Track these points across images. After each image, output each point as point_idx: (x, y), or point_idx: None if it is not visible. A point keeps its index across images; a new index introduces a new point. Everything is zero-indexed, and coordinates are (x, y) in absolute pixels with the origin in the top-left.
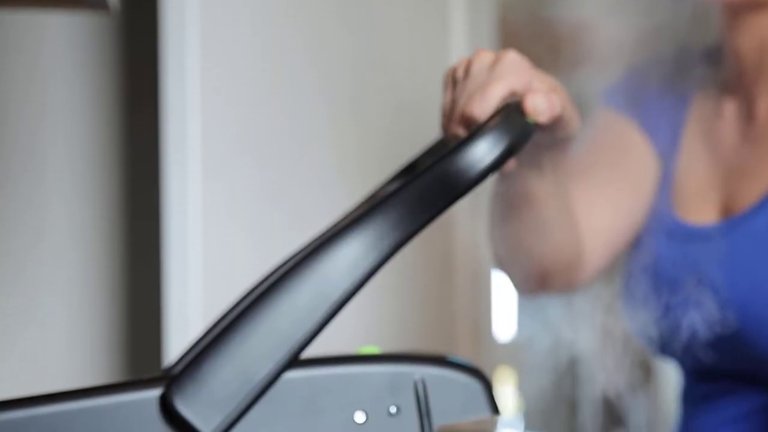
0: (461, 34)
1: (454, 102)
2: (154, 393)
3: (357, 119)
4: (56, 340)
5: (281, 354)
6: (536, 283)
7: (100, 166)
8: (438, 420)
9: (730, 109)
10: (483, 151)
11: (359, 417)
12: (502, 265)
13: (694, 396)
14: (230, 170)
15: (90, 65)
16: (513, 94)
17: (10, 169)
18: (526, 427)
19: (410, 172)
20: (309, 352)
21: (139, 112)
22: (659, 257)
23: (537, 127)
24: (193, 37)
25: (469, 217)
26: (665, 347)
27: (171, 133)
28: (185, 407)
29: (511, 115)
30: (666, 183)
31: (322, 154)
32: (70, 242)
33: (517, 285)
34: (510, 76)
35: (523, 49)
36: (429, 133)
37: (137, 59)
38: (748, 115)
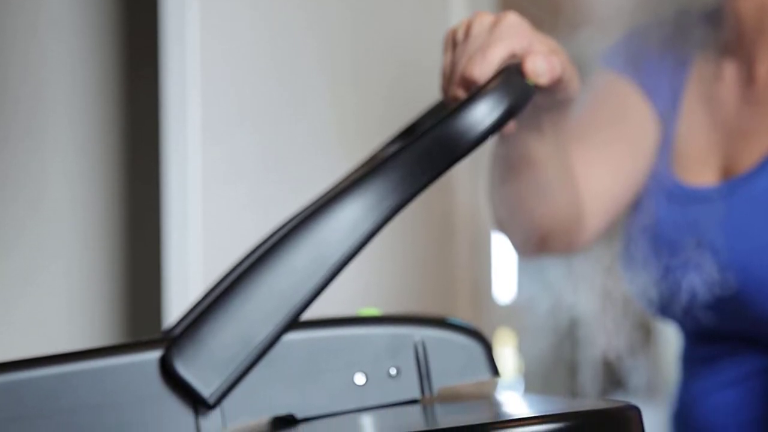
0: None
1: (454, 64)
2: (154, 355)
3: (356, 82)
4: (56, 303)
5: (281, 316)
6: (536, 245)
7: (100, 131)
8: (438, 382)
9: (730, 71)
10: (483, 113)
11: (359, 379)
12: (502, 227)
13: (694, 358)
14: (230, 133)
15: (91, 26)
16: (513, 56)
17: (9, 133)
18: (526, 389)
19: (410, 135)
20: (309, 314)
21: (139, 77)
22: (659, 219)
23: (537, 89)
24: (193, 1)
25: (468, 179)
26: (665, 309)
27: (171, 98)
28: (185, 369)
29: (511, 77)
30: (666, 145)
31: (321, 117)
32: (70, 206)
33: (516, 247)
34: (510, 38)
35: (522, 11)
36: (429, 95)
37: (138, 23)
38: (748, 77)
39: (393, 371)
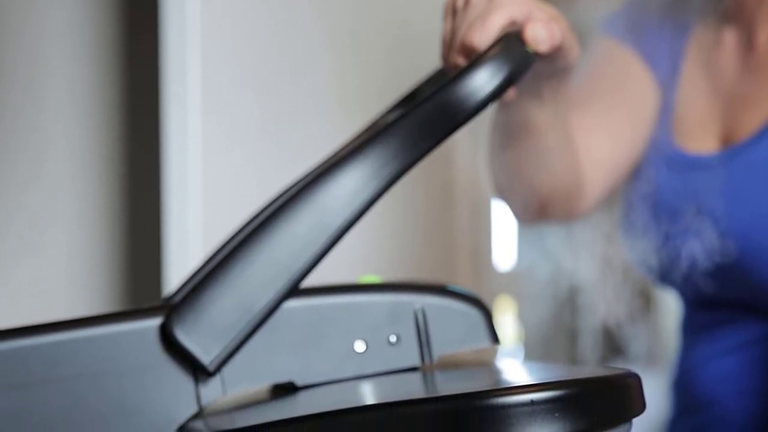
0: None
1: (454, 31)
2: (154, 322)
3: (357, 49)
4: (56, 269)
5: (281, 283)
6: (536, 212)
7: (100, 96)
8: (438, 349)
9: (730, 38)
10: (483, 81)
11: (359, 346)
12: (502, 194)
13: (694, 325)
14: (230, 100)
15: None
16: (513, 23)
17: (9, 98)
18: (526, 357)
19: (410, 102)
20: (309, 282)
21: (139, 43)
22: (659, 186)
23: (537, 56)
24: None
25: (468, 146)
26: (665, 276)
27: (171, 64)
28: (185, 336)
29: (511, 44)
30: (666, 112)
31: (321, 84)
32: (70, 171)
33: (516, 214)
34: (510, 6)
35: None
36: (429, 62)
37: None
38: (748, 44)
39: (393, 339)
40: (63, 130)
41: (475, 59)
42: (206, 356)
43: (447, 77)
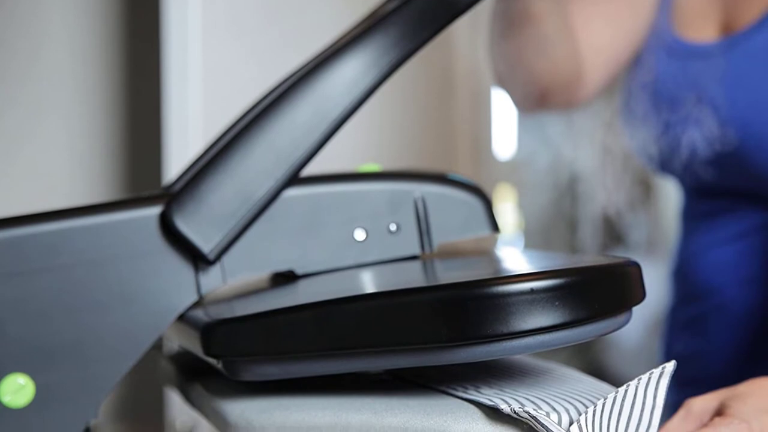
0: None
1: None
2: (154, 211)
3: None
4: (56, 158)
5: (281, 172)
6: (536, 101)
7: None
8: (438, 237)
9: None
10: None
11: (359, 234)
12: (502, 83)
13: (694, 214)
14: None
15: None
16: None
17: None
18: (526, 245)
19: None
20: (309, 170)
21: None
22: (659, 75)
23: None
24: None
25: (468, 34)
26: (665, 165)
27: None
28: (185, 225)
29: None
30: (666, 0)
31: None
32: (70, 59)
33: (517, 102)
34: None
35: None
36: None
37: None
38: None
39: (393, 227)
40: (61, 17)
41: None
42: (206, 245)
43: None
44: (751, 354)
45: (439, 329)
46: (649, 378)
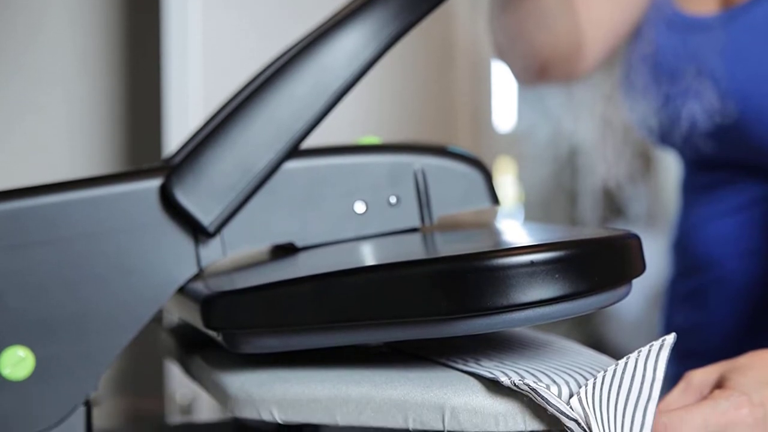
0: None
1: None
2: (154, 183)
3: None
4: (56, 130)
5: (281, 144)
6: (536, 73)
7: None
8: (438, 210)
9: None
10: None
11: (359, 207)
12: (503, 55)
13: (694, 186)
14: None
15: None
16: None
17: None
18: (526, 218)
19: None
20: (309, 143)
21: None
22: (659, 47)
23: None
24: None
25: (469, 6)
26: (665, 137)
27: None
28: (185, 197)
29: None
30: None
31: None
32: (70, 30)
33: (517, 75)
34: None
35: None
36: None
37: None
38: None
39: (393, 199)
40: None
41: None
42: (206, 217)
43: None
44: (751, 326)
45: (439, 302)
46: (649, 351)
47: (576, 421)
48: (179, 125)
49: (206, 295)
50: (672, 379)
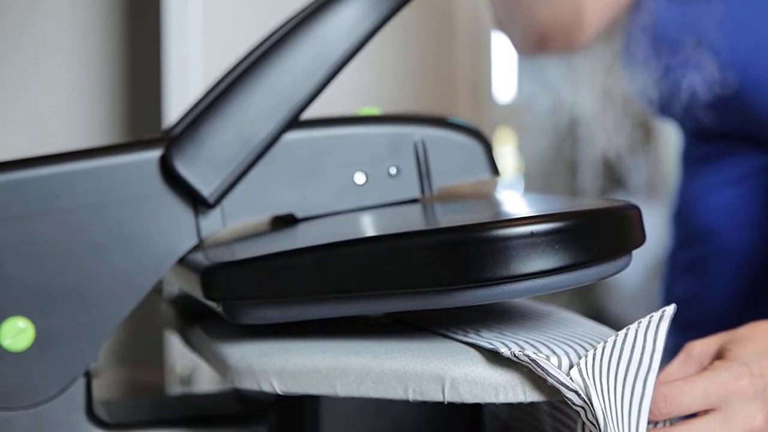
0: None
1: None
2: (154, 154)
3: None
4: (56, 102)
5: (281, 115)
6: (536, 44)
7: None
8: (438, 181)
9: None
10: None
11: (359, 178)
12: (502, 26)
13: (695, 157)
14: None
15: None
16: None
17: None
18: (526, 189)
19: None
20: (309, 114)
21: None
22: (659, 18)
23: None
24: None
25: None
26: (665, 108)
27: None
28: (185, 168)
29: None
30: None
31: None
32: (70, 2)
33: (516, 46)
34: None
35: None
36: None
37: None
38: None
39: (393, 170)
40: None
41: None
42: (206, 188)
43: None
44: (752, 297)
45: (439, 272)
46: (649, 321)
47: (576, 392)
48: (179, 96)
49: (206, 266)
50: (672, 349)
